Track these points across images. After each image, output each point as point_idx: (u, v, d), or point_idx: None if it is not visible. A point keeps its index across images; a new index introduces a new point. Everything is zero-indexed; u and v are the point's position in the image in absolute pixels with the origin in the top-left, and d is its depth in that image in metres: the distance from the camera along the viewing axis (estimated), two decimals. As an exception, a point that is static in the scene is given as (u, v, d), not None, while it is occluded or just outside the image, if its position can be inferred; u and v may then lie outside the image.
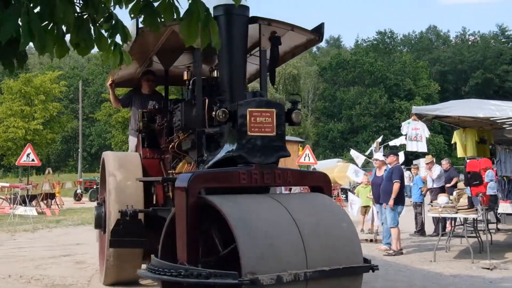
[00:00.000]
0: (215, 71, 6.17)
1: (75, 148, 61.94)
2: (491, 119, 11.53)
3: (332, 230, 4.40)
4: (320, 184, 4.99)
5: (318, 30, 6.04)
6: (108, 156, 7.52)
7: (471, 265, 9.91)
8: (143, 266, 6.79)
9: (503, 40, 78.67)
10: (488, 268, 9.50)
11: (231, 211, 4.17)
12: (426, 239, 13.86)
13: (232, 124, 4.80)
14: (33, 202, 21.23)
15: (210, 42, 3.31)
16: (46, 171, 28.10)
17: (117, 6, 3.35)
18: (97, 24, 3.32)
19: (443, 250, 11.40)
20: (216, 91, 5.78)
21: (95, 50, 3.50)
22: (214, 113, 4.92)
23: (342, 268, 4.23)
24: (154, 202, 7.01)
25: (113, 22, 3.34)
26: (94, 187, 30.45)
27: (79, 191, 31.40)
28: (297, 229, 4.22)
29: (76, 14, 3.21)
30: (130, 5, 3.25)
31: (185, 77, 6.33)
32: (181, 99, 7.07)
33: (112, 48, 3.39)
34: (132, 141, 8.40)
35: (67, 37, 3.32)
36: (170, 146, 6.38)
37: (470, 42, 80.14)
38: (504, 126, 12.75)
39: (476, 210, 10.66)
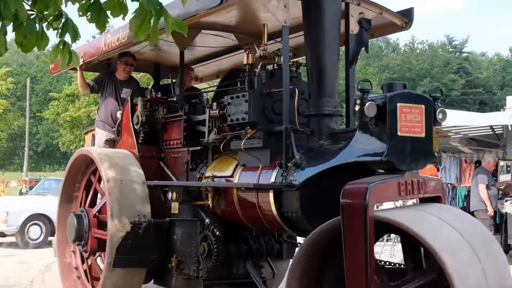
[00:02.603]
0: (279, 57, 5.12)
1: (21, 146, 60.36)
2: (436, 127, 11.75)
3: (490, 248, 3.75)
4: (440, 192, 4.33)
5: (408, 16, 5.38)
6: (98, 155, 6.25)
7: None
8: None
9: (450, 49, 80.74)
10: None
11: (431, 236, 3.40)
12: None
13: (375, 122, 3.90)
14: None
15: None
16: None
17: (69, 4, 3.33)
18: (47, 22, 3.29)
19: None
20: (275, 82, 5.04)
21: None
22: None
23: None
24: (173, 211, 5.91)
25: (63, 20, 3.31)
26: None
27: (24, 190, 30.44)
28: (472, 249, 3.56)
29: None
30: (78, 4, 3.27)
31: (246, 61, 5.25)
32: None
33: (61, 47, 3.36)
34: (101, 135, 7.36)
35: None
36: (221, 144, 5.41)
37: (418, 51, 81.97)
38: (449, 134, 13.08)
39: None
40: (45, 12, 3.32)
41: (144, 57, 7.46)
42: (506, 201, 11.63)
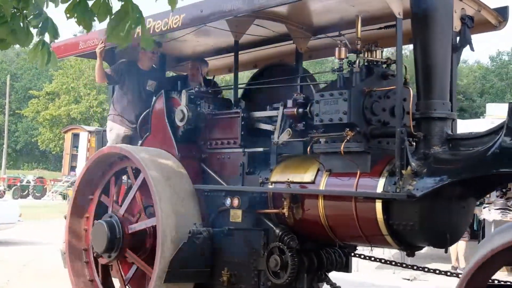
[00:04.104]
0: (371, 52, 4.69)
1: None
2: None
3: None
4: None
5: (503, 14, 4.99)
6: (139, 154, 5.46)
7: (393, 276, 9.98)
8: None
9: None
10: (408, 279, 9.63)
11: None
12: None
13: None
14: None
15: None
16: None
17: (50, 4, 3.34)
18: (27, 20, 3.27)
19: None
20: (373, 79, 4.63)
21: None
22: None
23: None
24: (232, 220, 5.28)
25: (43, 19, 3.28)
26: (18, 185, 29.67)
27: (1, 188, 29.61)
28: None
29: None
30: (66, 5, 3.25)
31: (339, 55, 4.71)
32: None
33: (40, 46, 3.33)
34: (118, 131, 6.59)
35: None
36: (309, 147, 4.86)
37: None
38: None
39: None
40: (25, 11, 3.31)
41: None
42: (484, 207, 11.66)
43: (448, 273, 4.89)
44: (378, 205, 4.27)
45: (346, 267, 5.40)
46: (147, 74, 6.70)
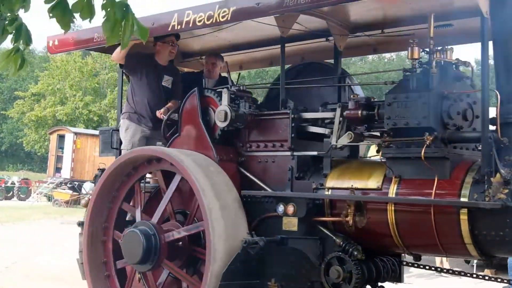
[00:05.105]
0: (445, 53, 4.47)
1: (-16, 144, 57.08)
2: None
3: None
4: None
5: None
6: (183, 159, 5.02)
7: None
8: None
9: None
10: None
11: None
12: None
13: None
14: None
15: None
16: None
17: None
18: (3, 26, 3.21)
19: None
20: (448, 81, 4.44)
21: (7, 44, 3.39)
22: None
23: None
24: (286, 228, 4.92)
25: (18, 24, 3.19)
26: (3, 186, 29.33)
27: None
28: None
29: None
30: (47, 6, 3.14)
31: (412, 55, 4.43)
32: None
33: (13, 53, 3.24)
34: (135, 130, 6.11)
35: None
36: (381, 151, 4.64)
37: (386, 60, 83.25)
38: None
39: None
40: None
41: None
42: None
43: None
44: (463, 214, 4.07)
45: (399, 277, 5.19)
46: (163, 69, 6.27)
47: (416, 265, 5.13)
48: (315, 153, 5.00)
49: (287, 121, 5.08)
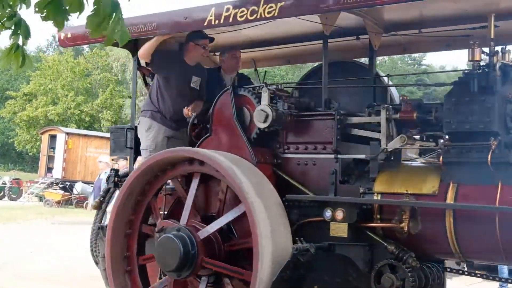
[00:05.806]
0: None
1: (-25, 144, 55.75)
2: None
3: None
4: None
5: None
6: (227, 163, 4.74)
7: None
8: None
9: (409, 61, 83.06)
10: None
11: None
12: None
13: None
14: None
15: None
16: None
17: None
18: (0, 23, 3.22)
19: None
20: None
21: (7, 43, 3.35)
22: None
23: None
24: (333, 234, 4.68)
25: (16, 20, 3.20)
26: None
27: None
28: None
29: None
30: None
31: (473, 57, 4.27)
32: None
33: (14, 50, 3.25)
34: (158, 130, 5.84)
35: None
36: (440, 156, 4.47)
37: (378, 62, 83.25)
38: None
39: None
40: None
41: None
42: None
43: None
44: (533, 221, 3.92)
45: (443, 284, 5.04)
46: (192, 70, 6.02)
47: (460, 272, 5.05)
48: (363, 156, 4.79)
49: (331, 123, 4.85)
